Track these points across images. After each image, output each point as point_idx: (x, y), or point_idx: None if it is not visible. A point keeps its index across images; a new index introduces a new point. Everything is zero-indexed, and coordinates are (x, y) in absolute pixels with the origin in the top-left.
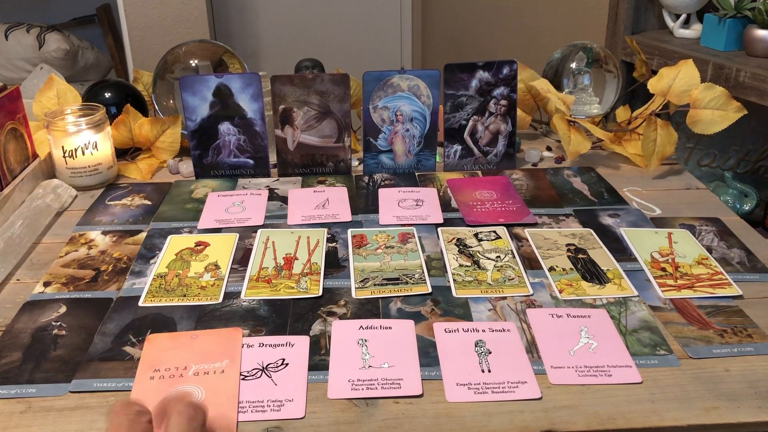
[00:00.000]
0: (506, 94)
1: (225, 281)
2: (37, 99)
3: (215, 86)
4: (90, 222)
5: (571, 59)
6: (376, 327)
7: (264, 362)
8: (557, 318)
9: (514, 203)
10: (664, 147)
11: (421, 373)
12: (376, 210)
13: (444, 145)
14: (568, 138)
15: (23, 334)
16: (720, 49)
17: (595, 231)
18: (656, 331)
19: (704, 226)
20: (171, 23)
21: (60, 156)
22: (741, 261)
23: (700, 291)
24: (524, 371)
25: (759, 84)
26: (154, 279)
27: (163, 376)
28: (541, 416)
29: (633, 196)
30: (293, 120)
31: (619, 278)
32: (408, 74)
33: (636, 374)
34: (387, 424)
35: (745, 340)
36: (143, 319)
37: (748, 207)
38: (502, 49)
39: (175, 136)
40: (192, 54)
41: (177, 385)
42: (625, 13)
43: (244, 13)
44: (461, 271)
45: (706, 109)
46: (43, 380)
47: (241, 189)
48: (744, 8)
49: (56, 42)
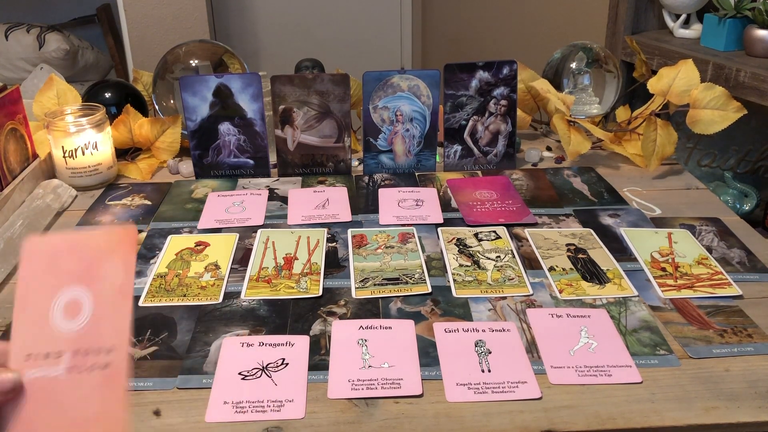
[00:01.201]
0: (506, 94)
1: (225, 281)
2: (37, 99)
3: (215, 86)
4: (90, 222)
5: (571, 59)
6: (376, 327)
7: (264, 362)
8: (557, 318)
9: (514, 203)
10: (664, 147)
11: (421, 373)
12: (376, 210)
13: (444, 145)
14: (568, 138)
15: None
16: (720, 49)
17: (595, 231)
18: (656, 331)
19: (704, 226)
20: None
21: (60, 156)
22: (741, 261)
23: (700, 291)
24: (524, 371)
25: (759, 84)
26: (154, 279)
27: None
28: (541, 416)
29: (633, 196)
30: (293, 120)
31: (619, 278)
32: (408, 74)
33: (636, 374)
34: (387, 424)
35: (745, 340)
36: (143, 319)
37: (748, 207)
38: (502, 49)
39: (175, 136)
40: (192, 54)
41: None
42: (625, 13)
43: (244, 13)
44: (461, 271)
45: (706, 109)
46: None
47: (241, 189)
48: (744, 8)
49: (56, 42)
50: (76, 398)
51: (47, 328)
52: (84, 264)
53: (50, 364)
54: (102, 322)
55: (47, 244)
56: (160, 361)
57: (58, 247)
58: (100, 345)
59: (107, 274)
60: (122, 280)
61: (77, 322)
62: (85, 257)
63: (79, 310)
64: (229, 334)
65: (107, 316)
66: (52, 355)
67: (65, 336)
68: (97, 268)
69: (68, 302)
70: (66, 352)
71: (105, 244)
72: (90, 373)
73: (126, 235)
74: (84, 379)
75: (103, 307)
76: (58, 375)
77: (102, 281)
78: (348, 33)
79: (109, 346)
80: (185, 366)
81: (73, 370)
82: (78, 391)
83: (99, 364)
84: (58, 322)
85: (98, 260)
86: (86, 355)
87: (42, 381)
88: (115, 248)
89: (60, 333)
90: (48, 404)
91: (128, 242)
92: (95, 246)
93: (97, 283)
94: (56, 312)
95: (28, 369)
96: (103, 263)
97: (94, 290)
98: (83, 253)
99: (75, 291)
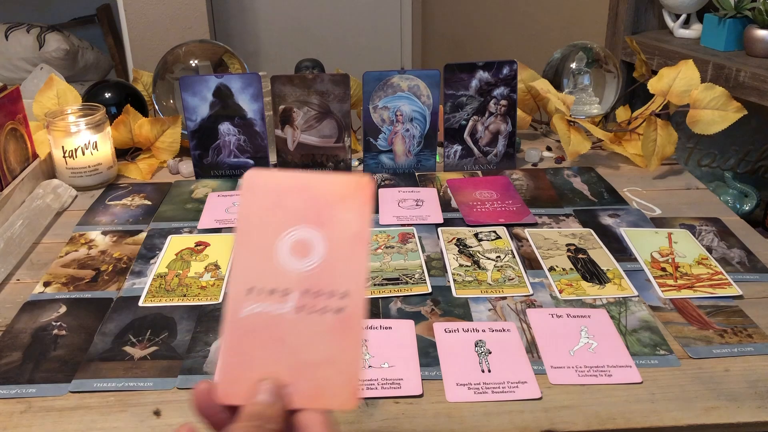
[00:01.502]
0: (506, 94)
1: (225, 281)
2: (37, 99)
3: (215, 86)
4: (90, 222)
5: (571, 59)
6: (376, 327)
7: None
8: (557, 318)
9: (514, 203)
10: (664, 147)
11: (421, 373)
12: (376, 210)
13: (444, 145)
14: (568, 138)
15: (23, 334)
16: (720, 49)
17: (595, 231)
18: (656, 331)
19: (704, 226)
20: (171, 23)
21: (60, 156)
22: (741, 261)
23: (700, 291)
24: (524, 371)
25: (759, 84)
26: (154, 279)
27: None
28: (541, 416)
29: (633, 196)
30: (293, 120)
31: (619, 278)
32: (408, 74)
33: (636, 374)
34: (387, 424)
35: (745, 340)
36: (143, 319)
37: (748, 207)
38: (502, 48)
39: (175, 136)
40: (192, 54)
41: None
42: (625, 13)
43: (244, 13)
44: (461, 271)
45: (706, 109)
46: (43, 380)
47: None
48: (744, 8)
49: (56, 42)
50: (305, 339)
51: (272, 265)
52: (314, 206)
53: (276, 300)
54: (336, 266)
55: (272, 180)
56: (160, 361)
57: (284, 184)
58: (333, 288)
59: (341, 219)
60: (358, 227)
61: (307, 263)
62: (316, 199)
63: (309, 251)
64: None
65: (342, 260)
66: (278, 292)
67: (293, 275)
68: (329, 212)
69: (297, 241)
70: (293, 291)
71: (339, 190)
72: (322, 315)
73: (363, 184)
74: (315, 321)
75: (337, 251)
76: (285, 313)
77: (335, 225)
78: (348, 33)
79: (344, 290)
80: (185, 366)
81: (302, 310)
82: (307, 332)
83: (331, 308)
84: (284, 260)
85: (330, 204)
86: (317, 296)
87: (265, 316)
88: (350, 195)
89: (287, 271)
90: (271, 341)
91: (365, 191)
92: (328, 190)
93: (329, 226)
94: (283, 250)
95: (250, 303)
96: (337, 208)
97: (326, 233)
98: (314, 195)
99: (304, 231)
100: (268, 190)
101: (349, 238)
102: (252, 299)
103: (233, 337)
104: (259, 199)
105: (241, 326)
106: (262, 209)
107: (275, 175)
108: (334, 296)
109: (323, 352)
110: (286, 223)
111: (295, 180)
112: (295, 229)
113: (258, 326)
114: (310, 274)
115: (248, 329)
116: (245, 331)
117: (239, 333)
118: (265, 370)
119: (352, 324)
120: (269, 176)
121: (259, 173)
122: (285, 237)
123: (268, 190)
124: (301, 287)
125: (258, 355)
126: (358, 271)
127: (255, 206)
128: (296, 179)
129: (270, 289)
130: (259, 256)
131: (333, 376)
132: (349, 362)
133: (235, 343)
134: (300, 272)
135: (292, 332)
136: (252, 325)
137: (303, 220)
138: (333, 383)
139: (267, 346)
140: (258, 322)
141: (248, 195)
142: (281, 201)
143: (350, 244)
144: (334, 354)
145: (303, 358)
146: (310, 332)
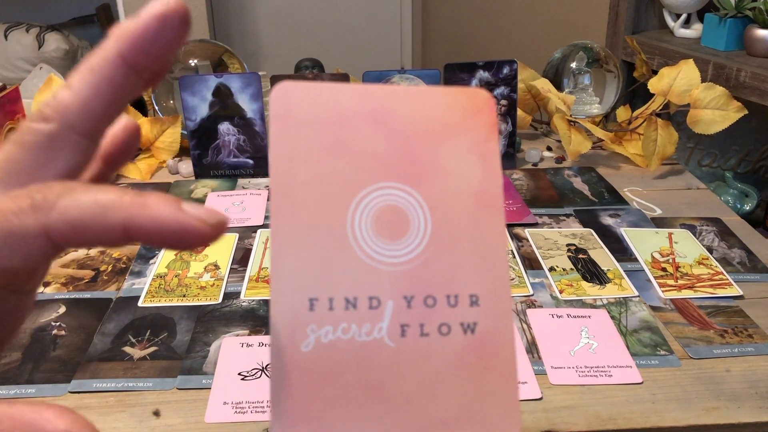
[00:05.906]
0: (506, 93)
1: (225, 281)
2: (37, 99)
3: (215, 86)
4: None
5: (572, 59)
6: None
7: (264, 362)
8: (557, 318)
9: (514, 203)
10: (665, 147)
11: None
12: None
13: None
14: (569, 138)
15: (22, 334)
16: (720, 49)
17: (595, 231)
18: (657, 332)
19: (705, 226)
20: None
21: None
22: (741, 261)
23: (700, 291)
24: (524, 371)
25: (759, 84)
26: (154, 279)
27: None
28: (541, 416)
29: (633, 196)
30: None
31: (619, 278)
32: (408, 74)
33: (636, 374)
34: None
35: (746, 341)
36: (143, 320)
37: (748, 207)
38: (502, 48)
39: (174, 136)
40: (192, 54)
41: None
42: (626, 12)
43: (244, 13)
44: None
45: (706, 109)
46: (42, 380)
47: (241, 189)
48: (744, 8)
49: (56, 42)
50: (418, 383)
51: (347, 256)
52: (404, 144)
53: (361, 317)
54: (453, 252)
55: (326, 98)
56: (159, 361)
57: (347, 106)
58: (453, 290)
59: (452, 166)
60: (480, 177)
61: (403, 248)
62: (406, 133)
63: (403, 228)
64: (229, 334)
65: (462, 241)
66: (362, 304)
67: (384, 272)
68: (432, 155)
69: (381, 211)
70: (387, 300)
71: (444, 114)
72: (441, 339)
73: (482, 102)
74: (431, 349)
75: (451, 225)
76: (379, 339)
77: (444, 178)
78: (348, 33)
79: (472, 293)
80: (185, 366)
81: (406, 332)
82: (420, 369)
83: (455, 324)
84: (365, 246)
85: (432, 142)
86: (429, 307)
87: (346, 347)
88: (464, 124)
89: (372, 266)
90: (361, 390)
91: (488, 116)
92: (424, 114)
93: (433, 180)
94: (361, 228)
95: (317, 325)
96: (442, 148)
97: (429, 192)
98: (401, 125)
99: (391, 192)
100: (320, 117)
101: (469, 200)
102: (319, 318)
103: (295, 387)
104: (306, 134)
105: (305, 367)
106: (314, 155)
107: (328, 89)
108: (458, 305)
109: (452, 402)
110: (359, 178)
111: (365, 98)
112: (375, 190)
113: (336, 365)
114: (412, 266)
115: (319, 372)
116: (314, 377)
117: (304, 379)
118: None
119: (493, 350)
120: (320, 91)
121: (301, 86)
122: (359, 205)
123: (320, 118)
124: (400, 290)
125: (340, 417)
126: (490, 258)
127: (301, 150)
128: (365, 96)
129: (348, 299)
130: (322, 243)
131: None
132: (501, 415)
133: (298, 396)
134: (394, 266)
135: (394, 372)
136: (325, 363)
137: (387, 173)
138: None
139: (354, 398)
140: (335, 358)
141: (285, 127)
142: (346, 138)
143: (472, 212)
144: (469, 404)
145: (419, 417)
146: (425, 370)
